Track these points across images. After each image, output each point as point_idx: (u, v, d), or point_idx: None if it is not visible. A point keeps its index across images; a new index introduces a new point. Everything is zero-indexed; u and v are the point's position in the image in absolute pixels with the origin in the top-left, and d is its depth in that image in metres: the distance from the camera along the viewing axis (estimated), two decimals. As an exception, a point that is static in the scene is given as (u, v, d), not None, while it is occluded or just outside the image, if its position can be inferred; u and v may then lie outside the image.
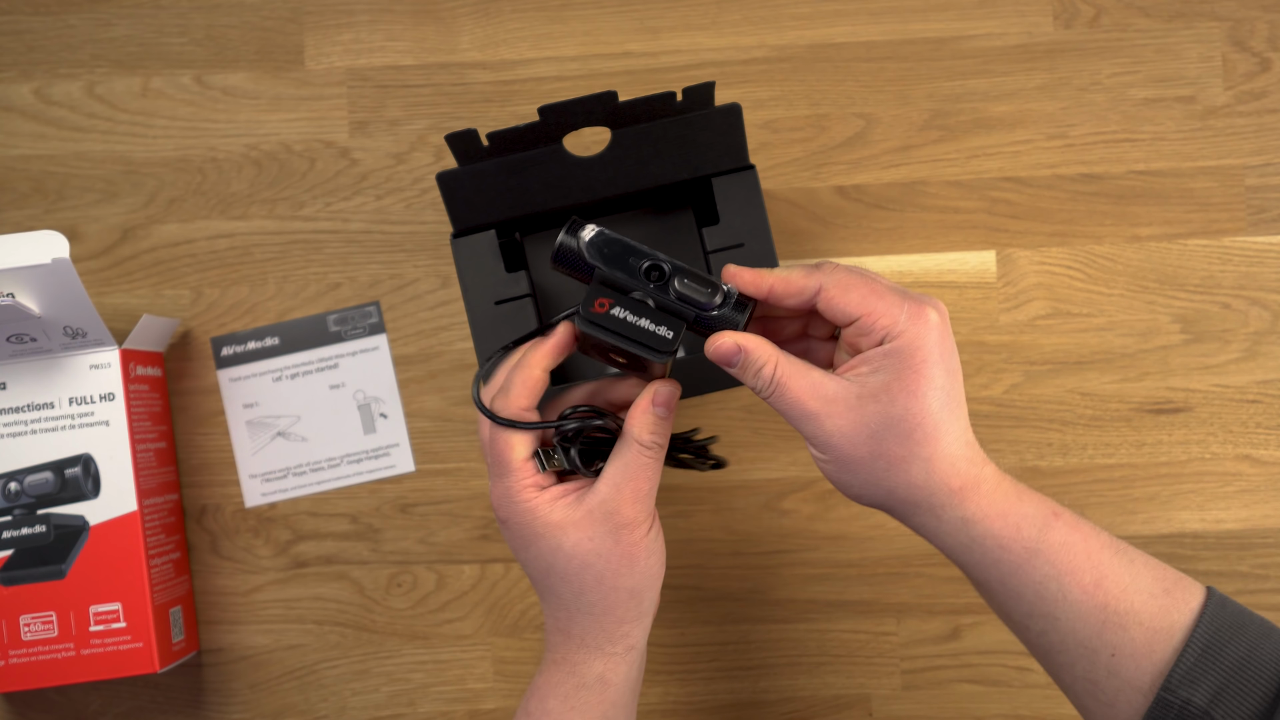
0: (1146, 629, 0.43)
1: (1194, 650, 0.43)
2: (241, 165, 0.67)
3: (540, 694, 0.49)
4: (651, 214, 0.61)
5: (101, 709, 0.66)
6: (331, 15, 0.68)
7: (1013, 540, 0.44)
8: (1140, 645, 0.43)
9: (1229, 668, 0.42)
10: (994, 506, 0.45)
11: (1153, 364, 0.66)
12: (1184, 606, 0.44)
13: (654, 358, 0.46)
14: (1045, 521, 0.45)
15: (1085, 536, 0.45)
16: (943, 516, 0.45)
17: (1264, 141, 0.66)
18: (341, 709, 0.67)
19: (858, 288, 0.45)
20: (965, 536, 0.45)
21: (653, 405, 0.47)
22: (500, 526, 0.49)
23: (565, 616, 0.48)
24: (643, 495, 0.47)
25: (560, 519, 0.47)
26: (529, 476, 0.48)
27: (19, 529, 0.61)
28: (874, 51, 0.67)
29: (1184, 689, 0.42)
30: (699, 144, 0.56)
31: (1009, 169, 0.66)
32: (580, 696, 0.48)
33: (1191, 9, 0.67)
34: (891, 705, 0.66)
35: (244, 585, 0.67)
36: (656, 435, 0.47)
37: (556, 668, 0.49)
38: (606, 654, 0.48)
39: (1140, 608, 0.44)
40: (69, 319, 0.60)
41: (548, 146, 0.54)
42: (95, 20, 0.68)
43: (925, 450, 0.44)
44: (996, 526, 0.45)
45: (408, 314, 0.67)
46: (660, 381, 0.48)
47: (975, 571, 0.46)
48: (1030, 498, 0.46)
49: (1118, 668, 0.44)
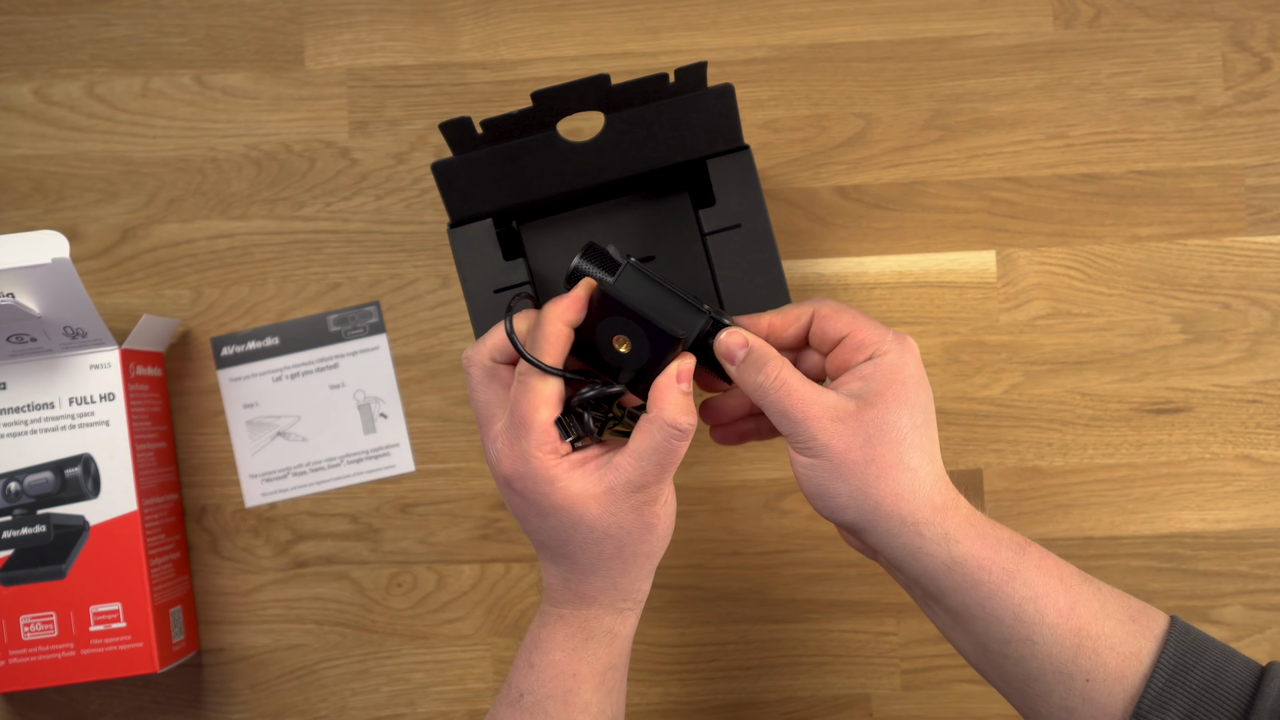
0: (1118, 654, 0.45)
1: (1162, 675, 0.44)
2: (241, 165, 0.67)
3: (544, 647, 0.49)
4: (647, 198, 0.61)
5: (101, 709, 0.66)
6: (331, 15, 0.68)
7: (992, 561, 0.46)
8: (1113, 671, 0.44)
9: (1196, 691, 0.43)
10: (973, 528, 0.46)
11: (1153, 364, 0.66)
12: (1149, 633, 0.45)
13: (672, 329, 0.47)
14: (1020, 546, 0.46)
15: (1056, 563, 0.47)
16: (926, 534, 0.46)
17: (1264, 141, 0.66)
18: (341, 709, 0.67)
19: (847, 311, 0.49)
20: (947, 556, 0.46)
21: (678, 382, 0.47)
22: (507, 489, 0.48)
23: (579, 580, 0.48)
24: (668, 474, 0.47)
25: (580, 491, 0.46)
26: (551, 440, 0.46)
27: (19, 529, 0.61)
28: (874, 51, 0.67)
29: (1154, 714, 0.43)
30: (693, 126, 0.56)
31: (1009, 169, 0.66)
32: (589, 649, 0.48)
33: (1191, 9, 0.67)
34: (891, 705, 0.66)
35: (244, 585, 0.67)
36: (691, 415, 0.46)
37: (564, 623, 0.49)
38: (618, 610, 0.49)
39: (1111, 633, 0.45)
40: (69, 319, 0.60)
41: (542, 133, 0.54)
42: (95, 20, 0.68)
43: (913, 460, 0.46)
44: (977, 547, 0.46)
45: (408, 314, 0.67)
46: (682, 357, 0.48)
47: (954, 596, 0.46)
48: (1001, 527, 0.47)
49: (1092, 694, 0.45)
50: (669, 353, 0.47)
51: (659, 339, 0.47)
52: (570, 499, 0.46)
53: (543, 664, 0.48)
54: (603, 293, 0.47)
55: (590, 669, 0.48)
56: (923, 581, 0.47)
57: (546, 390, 0.46)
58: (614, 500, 0.46)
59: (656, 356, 0.47)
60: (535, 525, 0.48)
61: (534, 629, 0.50)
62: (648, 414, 0.47)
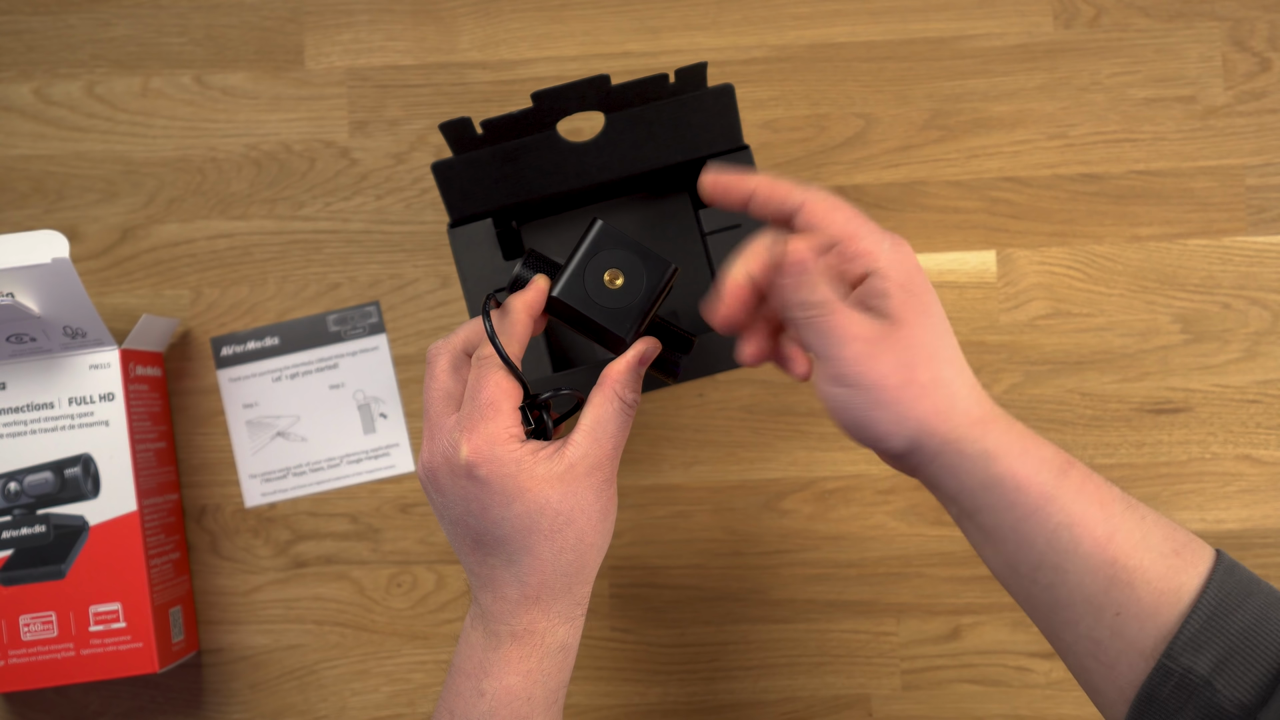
0: (1154, 589, 0.42)
1: (1199, 616, 0.41)
2: (241, 165, 0.67)
3: (496, 672, 0.46)
4: (647, 198, 0.61)
5: (101, 709, 0.66)
6: (331, 15, 0.68)
7: (1030, 482, 0.43)
8: (1146, 606, 0.42)
9: (1234, 636, 0.41)
10: (1014, 443, 0.44)
11: (1153, 364, 0.66)
12: (1192, 570, 0.42)
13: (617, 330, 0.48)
14: (1061, 467, 0.44)
15: (1099, 487, 0.44)
16: (966, 451, 0.43)
17: (1264, 141, 0.66)
18: (341, 709, 0.67)
19: (842, 208, 0.45)
20: (985, 475, 0.43)
21: (639, 364, 0.48)
22: (465, 480, 0.46)
23: (537, 581, 0.46)
24: (619, 449, 0.47)
25: (545, 473, 0.45)
26: (517, 425, 0.46)
27: (19, 529, 0.61)
28: (874, 51, 0.67)
29: (1186, 656, 0.41)
30: (693, 126, 0.56)
31: (1009, 169, 0.66)
32: (544, 669, 0.46)
33: (1191, 9, 0.67)
34: (891, 705, 0.66)
35: (244, 585, 0.67)
36: (637, 393, 0.48)
37: (518, 641, 0.46)
38: (568, 618, 0.47)
39: (1149, 566, 0.42)
40: (69, 319, 0.60)
41: (542, 133, 0.54)
42: (95, 20, 0.68)
43: (947, 373, 0.44)
44: (1016, 466, 0.43)
45: (408, 314, 0.67)
46: (644, 340, 0.49)
47: (989, 515, 0.44)
48: (1045, 441, 0.45)
49: (1122, 628, 0.42)
50: (667, 282, 0.49)
51: (656, 265, 0.49)
52: (536, 481, 0.45)
53: (495, 691, 0.46)
54: (603, 229, 0.49)
55: (544, 691, 0.47)
56: (959, 499, 0.45)
57: (512, 379, 0.47)
58: (574, 480, 0.46)
59: (650, 286, 0.49)
60: (498, 516, 0.46)
61: (479, 652, 0.47)
62: (598, 387, 0.47)
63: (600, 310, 0.49)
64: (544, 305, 0.49)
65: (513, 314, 0.48)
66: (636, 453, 0.66)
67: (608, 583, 0.67)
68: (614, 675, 0.66)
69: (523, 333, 0.48)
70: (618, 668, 0.66)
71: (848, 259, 0.45)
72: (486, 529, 0.46)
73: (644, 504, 0.66)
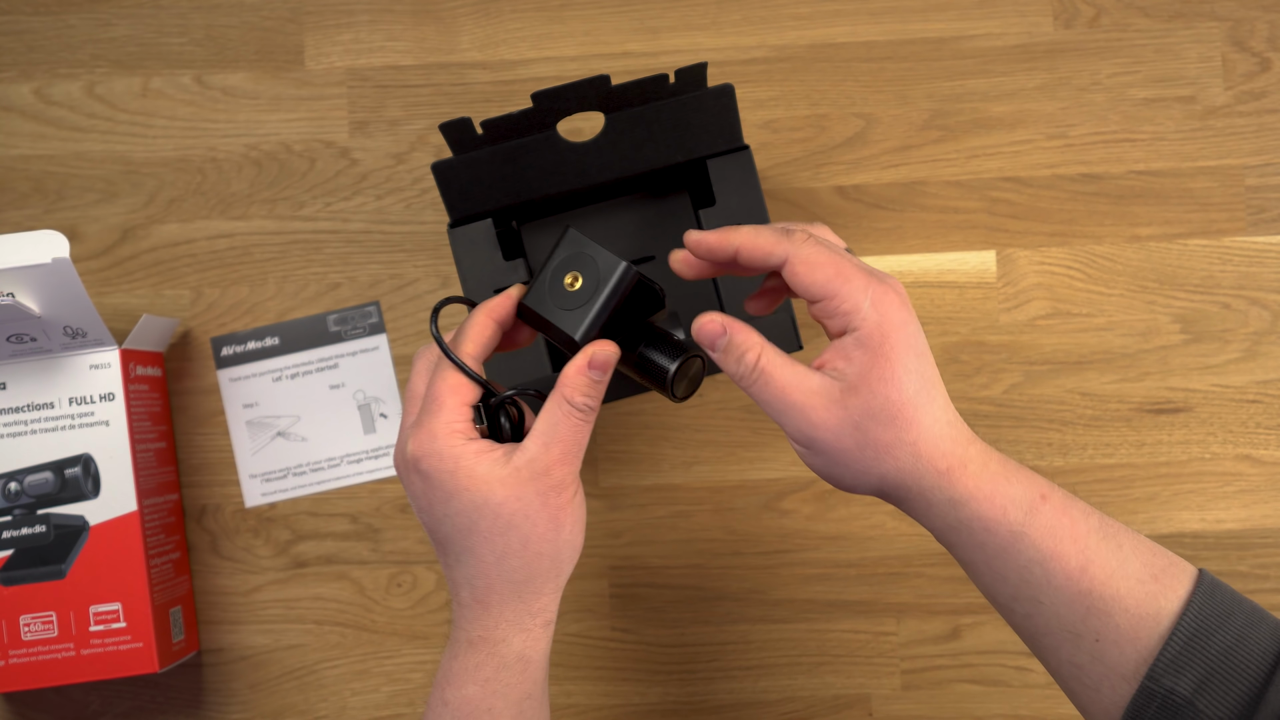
0: (1131, 615, 0.43)
1: (1179, 639, 0.42)
2: (241, 165, 0.67)
3: (456, 681, 0.46)
4: (647, 198, 0.61)
5: (101, 709, 0.66)
6: (331, 15, 0.68)
7: (998, 523, 0.44)
8: (1125, 632, 0.43)
9: (1214, 657, 0.42)
10: (981, 488, 0.44)
11: (1153, 364, 0.66)
12: (1172, 593, 0.43)
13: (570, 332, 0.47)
14: (1032, 504, 0.44)
15: (1073, 520, 0.44)
16: (932, 500, 0.45)
17: (1264, 141, 0.66)
18: (341, 709, 0.67)
19: (824, 267, 0.45)
20: (953, 518, 0.45)
21: (589, 367, 0.46)
22: (413, 474, 0.46)
23: (484, 585, 0.46)
24: (571, 456, 0.46)
25: (486, 473, 0.45)
26: (462, 421, 0.46)
27: (19, 529, 0.61)
28: (874, 51, 0.67)
29: (1168, 678, 0.42)
30: (693, 126, 0.56)
31: (1009, 169, 0.66)
32: (502, 679, 0.46)
33: (1191, 9, 0.67)
34: (891, 705, 0.66)
35: (244, 585, 0.67)
36: (589, 398, 0.46)
37: (474, 649, 0.47)
38: (525, 629, 0.47)
39: (1126, 594, 0.43)
40: (69, 319, 0.60)
41: (542, 133, 0.54)
42: (95, 20, 0.68)
43: (910, 435, 0.44)
44: (984, 509, 0.44)
45: (408, 314, 0.67)
46: (599, 342, 0.47)
47: (962, 553, 0.45)
48: (1019, 478, 0.45)
49: (1102, 653, 0.43)
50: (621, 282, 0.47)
51: (609, 265, 0.47)
52: (476, 479, 0.45)
53: (456, 700, 0.46)
54: (569, 235, 0.48)
55: (505, 702, 0.46)
56: (934, 534, 0.46)
57: (462, 376, 0.46)
58: (519, 483, 0.45)
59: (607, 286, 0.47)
60: (440, 514, 0.46)
61: (445, 662, 0.48)
62: (552, 393, 0.47)
63: (557, 313, 0.48)
64: (509, 309, 0.49)
65: (473, 317, 0.48)
66: (636, 453, 0.66)
67: (608, 583, 0.67)
68: (614, 675, 0.66)
69: (479, 334, 0.47)
70: (618, 668, 0.66)
71: (828, 317, 0.45)
72: (433, 525, 0.47)
73: (644, 504, 0.66)
